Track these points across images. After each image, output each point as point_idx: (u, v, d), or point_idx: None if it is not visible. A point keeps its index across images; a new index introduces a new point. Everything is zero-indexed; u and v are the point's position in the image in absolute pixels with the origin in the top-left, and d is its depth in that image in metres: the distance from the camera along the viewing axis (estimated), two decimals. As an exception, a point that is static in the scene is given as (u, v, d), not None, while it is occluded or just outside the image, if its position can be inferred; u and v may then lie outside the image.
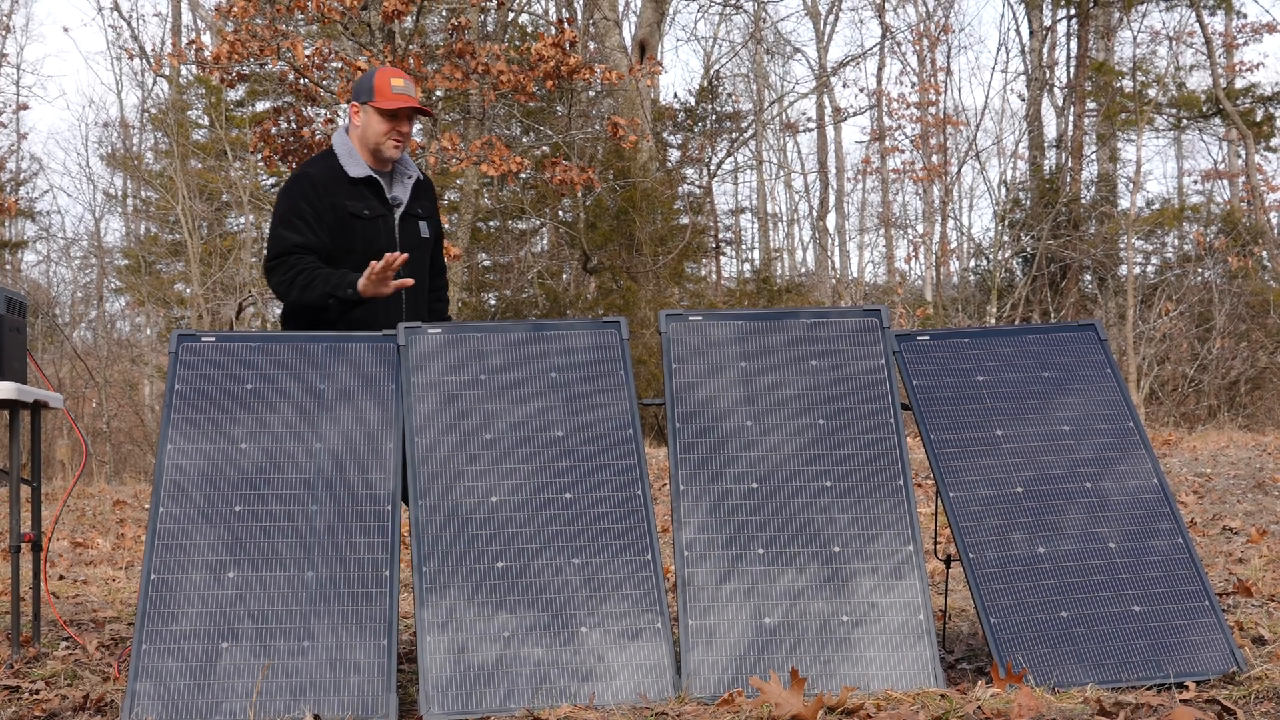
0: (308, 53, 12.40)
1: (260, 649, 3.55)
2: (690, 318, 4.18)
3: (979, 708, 3.32)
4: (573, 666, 3.57)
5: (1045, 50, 23.30)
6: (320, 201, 4.45)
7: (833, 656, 3.62)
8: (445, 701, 3.49)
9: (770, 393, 4.05)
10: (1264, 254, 21.09)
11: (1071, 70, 22.72)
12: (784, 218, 30.69)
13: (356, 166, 4.51)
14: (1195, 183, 28.17)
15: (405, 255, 4.31)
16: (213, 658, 3.53)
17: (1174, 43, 23.90)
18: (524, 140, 19.95)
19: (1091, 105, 22.70)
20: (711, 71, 26.06)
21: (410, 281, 4.39)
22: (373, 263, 4.27)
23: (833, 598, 3.71)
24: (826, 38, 27.19)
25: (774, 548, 3.79)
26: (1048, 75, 23.32)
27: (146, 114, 25.10)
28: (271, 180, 25.01)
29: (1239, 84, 24.16)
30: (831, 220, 28.16)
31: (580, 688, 3.53)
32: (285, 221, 4.47)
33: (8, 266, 25.56)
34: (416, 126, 19.48)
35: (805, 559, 3.77)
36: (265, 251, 4.53)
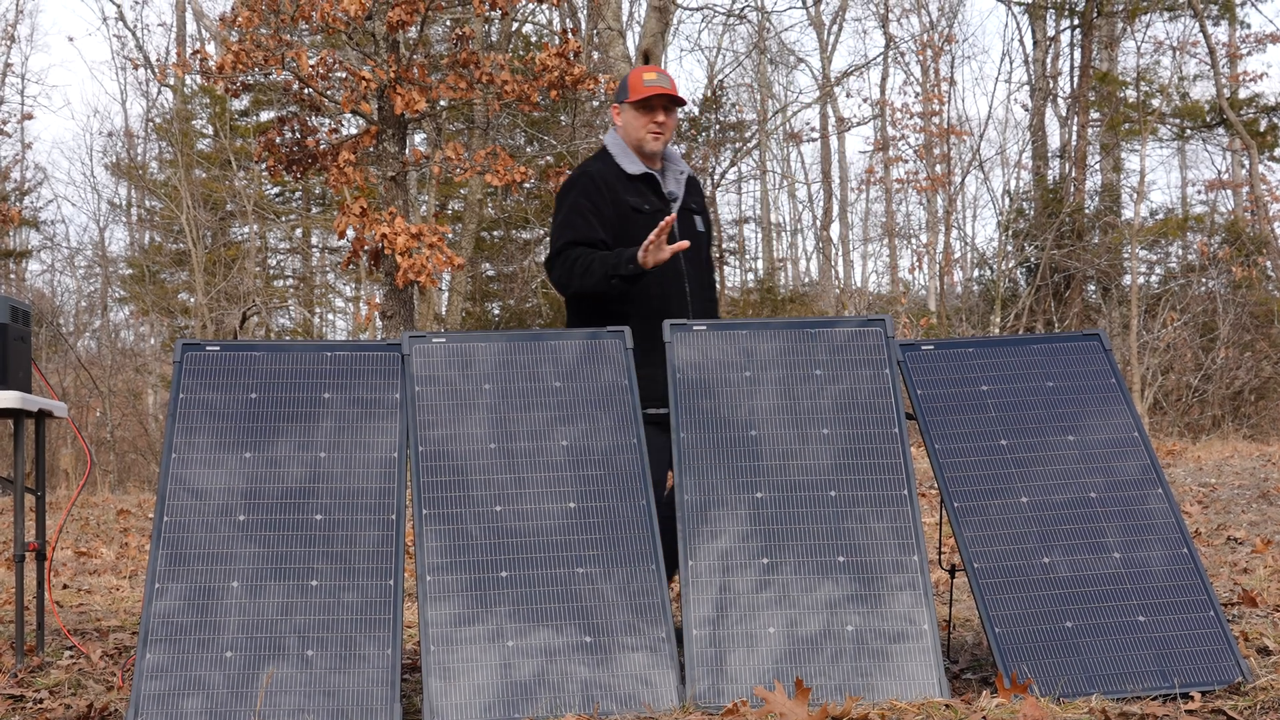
0: (312, 62, 12.43)
1: (263, 658, 3.55)
2: (694, 327, 4.18)
3: (984, 718, 3.32)
4: (576, 676, 3.56)
5: (1049, 60, 23.32)
6: (600, 197, 4.51)
7: (835, 666, 3.61)
8: (449, 712, 3.49)
9: (774, 402, 4.04)
10: (1268, 264, 21.08)
11: (1075, 80, 22.73)
12: (788, 227, 30.73)
13: (632, 164, 4.58)
14: (1199, 193, 28.14)
15: (673, 217, 4.31)
16: (215, 666, 3.53)
17: (1177, 53, 23.90)
18: (528, 150, 19.98)
19: (1095, 115, 22.71)
20: (715, 81, 26.10)
21: (685, 244, 4.37)
22: (651, 237, 4.27)
23: (837, 608, 3.70)
24: (830, 48, 27.21)
25: (778, 557, 3.78)
26: (1051, 85, 23.34)
27: (151, 123, 25.16)
28: (275, 190, 25.07)
29: (1243, 94, 24.15)
30: (835, 230, 28.19)
31: (584, 697, 3.53)
32: (566, 220, 4.52)
33: (12, 275, 25.60)
34: (420, 137, 19.51)
35: (810, 569, 3.76)
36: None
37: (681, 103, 4.63)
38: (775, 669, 3.60)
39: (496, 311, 21.25)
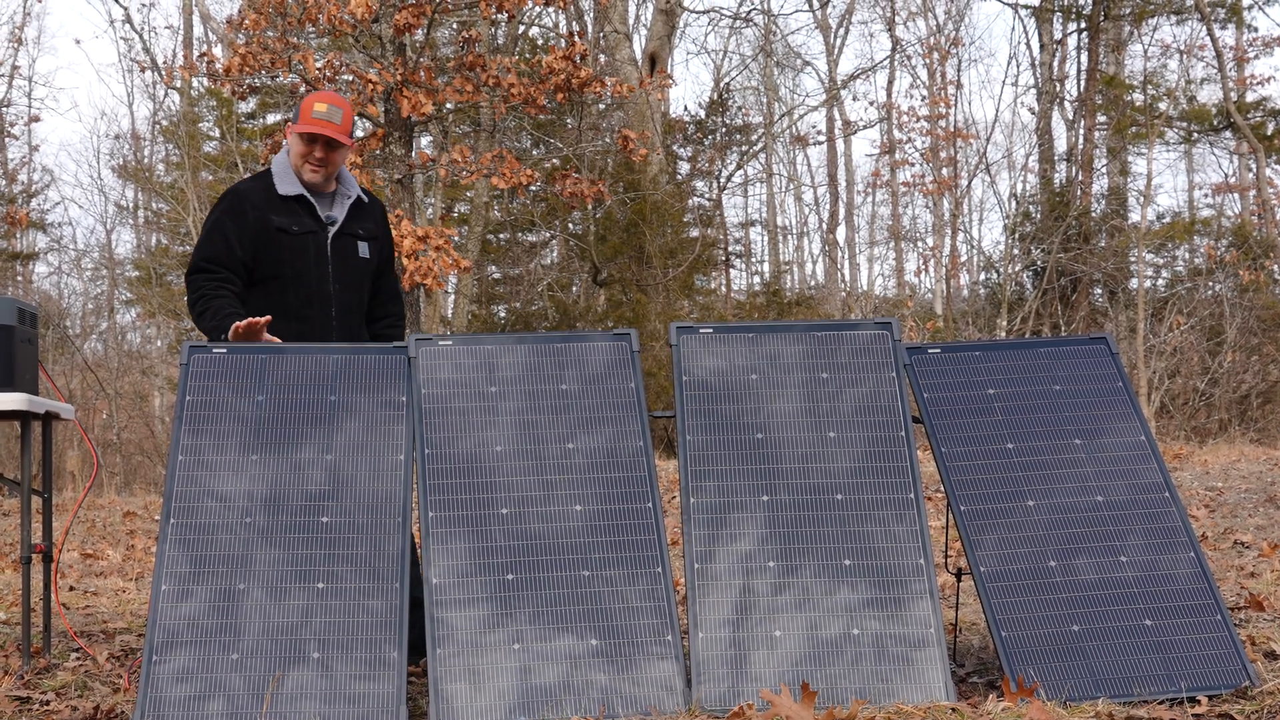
0: (319, 65, 12.44)
1: (269, 661, 3.55)
2: (701, 330, 4.17)
3: (990, 722, 3.31)
4: (582, 678, 3.56)
5: (1055, 64, 23.30)
6: (244, 217, 4.43)
7: (841, 670, 3.60)
8: (456, 715, 3.49)
9: (781, 405, 4.04)
10: (1275, 267, 21.04)
11: (1082, 84, 22.71)
12: (794, 230, 30.71)
13: (288, 186, 4.48)
14: (1206, 196, 28.08)
15: (269, 318, 4.23)
16: (222, 669, 3.53)
17: (1184, 56, 23.87)
18: (534, 153, 19.99)
19: (1102, 119, 22.69)
20: (721, 84, 26.11)
21: (280, 342, 4.21)
22: (240, 324, 4.19)
23: (844, 611, 3.70)
24: (837, 51, 27.20)
25: (784, 560, 3.78)
26: (1058, 89, 23.31)
27: (158, 126, 25.20)
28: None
29: (1250, 97, 24.14)
30: (841, 233, 28.18)
31: (590, 700, 3.52)
32: (205, 236, 4.47)
33: (19, 278, 25.63)
34: (426, 139, 19.51)
35: (817, 573, 3.76)
36: None
37: (343, 143, 4.46)
38: (795, 671, 3.59)
39: (503, 314, 21.24)
